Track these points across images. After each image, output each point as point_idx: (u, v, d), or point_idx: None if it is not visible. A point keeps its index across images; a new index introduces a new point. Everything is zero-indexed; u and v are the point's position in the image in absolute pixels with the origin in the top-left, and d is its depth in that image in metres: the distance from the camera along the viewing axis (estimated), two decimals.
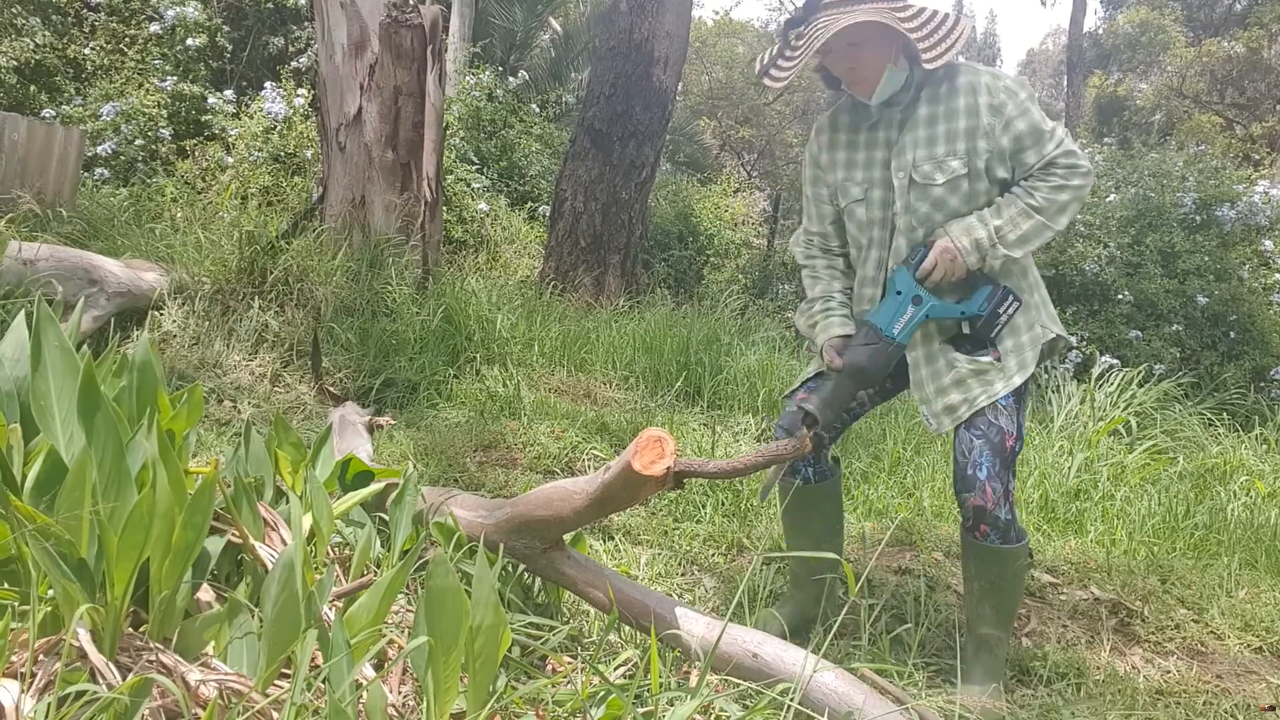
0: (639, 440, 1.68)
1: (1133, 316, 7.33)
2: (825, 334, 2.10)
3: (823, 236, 2.21)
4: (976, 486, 2.01)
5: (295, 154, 7.58)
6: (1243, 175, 8.93)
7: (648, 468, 1.65)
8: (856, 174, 2.09)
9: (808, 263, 2.23)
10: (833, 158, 2.13)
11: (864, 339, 2.01)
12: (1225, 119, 19.00)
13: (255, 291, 4.21)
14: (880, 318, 2.01)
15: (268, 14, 9.23)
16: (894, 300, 2.01)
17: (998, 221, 1.96)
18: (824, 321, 2.13)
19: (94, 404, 1.44)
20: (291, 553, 1.38)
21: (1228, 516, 3.70)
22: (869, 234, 2.10)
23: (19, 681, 1.21)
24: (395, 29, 4.95)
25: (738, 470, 1.69)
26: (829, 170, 2.15)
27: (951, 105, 1.99)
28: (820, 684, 1.54)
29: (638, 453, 1.66)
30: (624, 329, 5.32)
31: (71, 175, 5.51)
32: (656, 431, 1.69)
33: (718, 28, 26.10)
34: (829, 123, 2.18)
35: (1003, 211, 1.97)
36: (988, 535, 2.04)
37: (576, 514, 1.78)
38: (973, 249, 1.96)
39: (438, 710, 1.40)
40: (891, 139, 2.04)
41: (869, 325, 2.02)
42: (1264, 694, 2.39)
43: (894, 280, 2.02)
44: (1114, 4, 22.92)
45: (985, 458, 2.02)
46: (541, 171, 9.44)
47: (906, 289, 2.00)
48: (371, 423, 3.37)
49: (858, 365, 1.98)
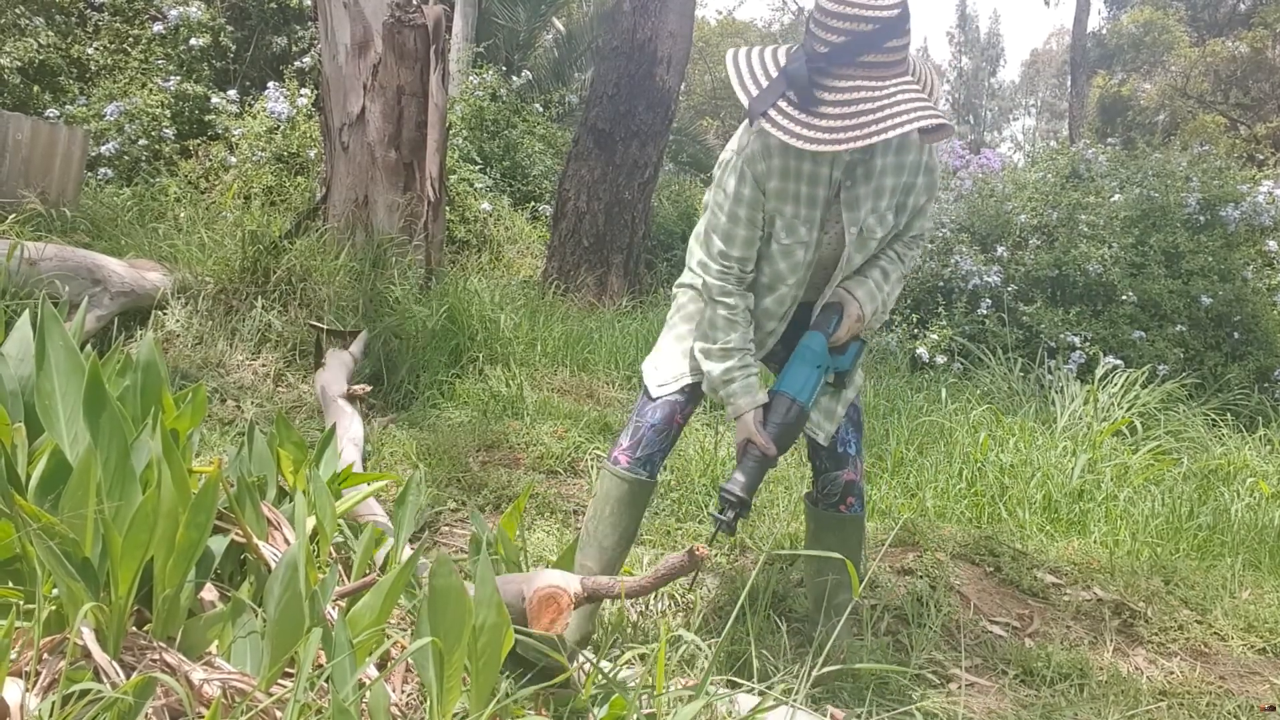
0: (532, 602, 1.62)
1: (1136, 317, 7.32)
2: (749, 400, 1.96)
3: (742, 264, 1.97)
4: (849, 462, 2.17)
5: (298, 154, 7.58)
6: (1247, 175, 8.91)
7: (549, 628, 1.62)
8: (803, 211, 1.92)
9: (725, 299, 1.98)
10: (783, 188, 1.90)
11: (784, 415, 1.93)
12: (1229, 119, 18.97)
13: (258, 291, 4.21)
14: (802, 392, 1.95)
15: (271, 14, 9.23)
16: (814, 373, 1.96)
17: (887, 289, 2.03)
18: (745, 382, 1.97)
19: (99, 403, 1.45)
20: (295, 552, 1.38)
21: (1231, 517, 3.70)
22: (798, 274, 2.00)
23: (23, 680, 1.21)
24: (398, 29, 4.95)
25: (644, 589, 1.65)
26: (776, 199, 1.92)
27: (902, 159, 1.93)
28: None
29: (534, 617, 1.62)
30: (627, 329, 5.32)
31: (75, 175, 5.52)
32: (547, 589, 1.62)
33: (721, 28, 26.12)
34: (779, 148, 1.89)
35: (889, 277, 2.03)
36: (853, 506, 2.18)
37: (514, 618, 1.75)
38: (871, 315, 2.01)
39: (441, 710, 1.40)
40: (836, 179, 1.91)
41: (787, 399, 1.94)
42: (1267, 695, 2.39)
43: (809, 348, 1.97)
44: (1118, 4, 22.90)
45: (852, 436, 2.18)
46: (544, 171, 9.44)
47: (823, 360, 1.97)
48: (350, 392, 3.34)
49: (785, 444, 1.96)
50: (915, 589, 2.63)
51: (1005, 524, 3.40)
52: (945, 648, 2.37)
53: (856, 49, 1.68)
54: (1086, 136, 14.24)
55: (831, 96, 1.69)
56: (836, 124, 1.68)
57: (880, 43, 1.68)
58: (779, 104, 1.72)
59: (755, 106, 1.73)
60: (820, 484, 2.21)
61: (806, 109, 1.70)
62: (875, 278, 2.01)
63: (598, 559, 2.12)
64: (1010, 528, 3.37)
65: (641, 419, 2.14)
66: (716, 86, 22.83)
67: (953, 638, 2.44)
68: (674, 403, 2.13)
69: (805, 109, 1.70)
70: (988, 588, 2.82)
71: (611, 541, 2.13)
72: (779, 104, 1.72)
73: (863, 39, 1.67)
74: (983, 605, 2.70)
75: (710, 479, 3.28)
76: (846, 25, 1.67)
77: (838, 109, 1.69)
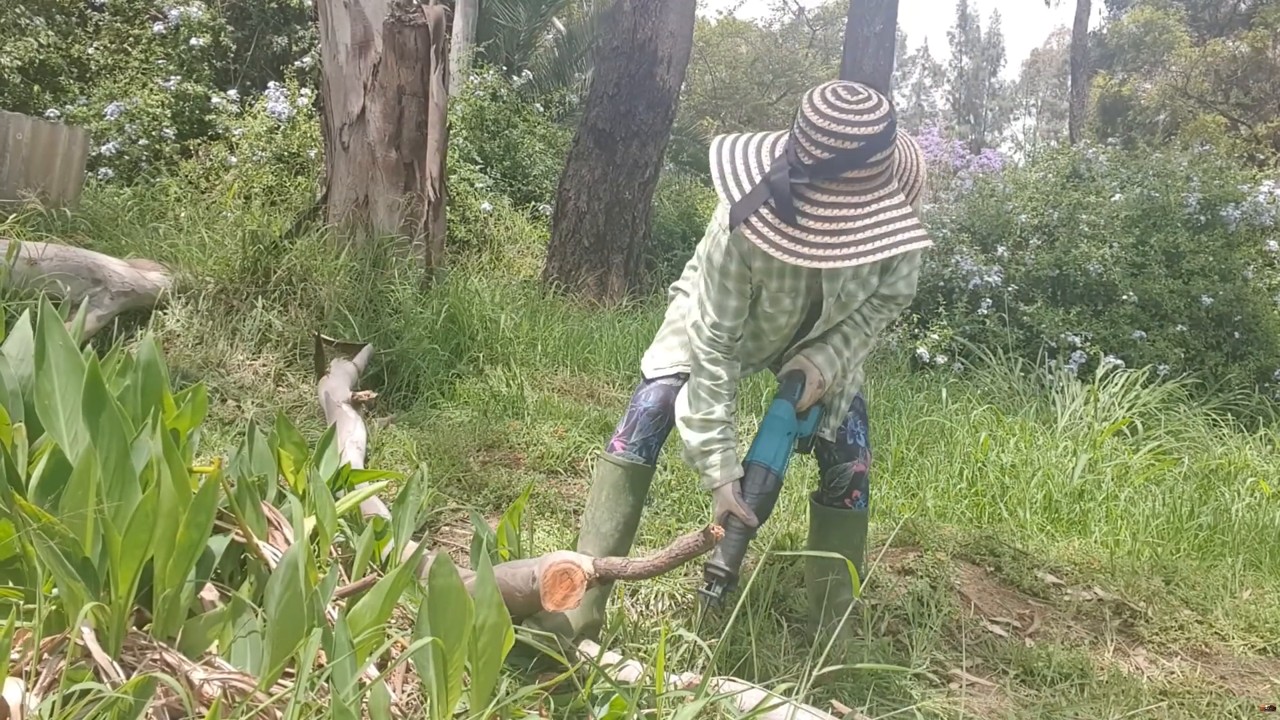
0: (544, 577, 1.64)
1: (1137, 317, 7.32)
2: (726, 473, 1.97)
3: (732, 333, 2.01)
4: (859, 454, 2.17)
5: (299, 154, 7.58)
6: (1247, 175, 8.91)
7: (561, 604, 1.64)
8: (787, 283, 1.96)
9: (713, 368, 2.01)
10: (767, 265, 1.92)
11: (761, 485, 1.96)
12: (1230, 119, 18.96)
13: (259, 291, 4.21)
14: (776, 461, 1.98)
15: (271, 14, 9.23)
16: (784, 440, 1.99)
17: (847, 354, 2.06)
18: (724, 455, 1.99)
19: (99, 403, 1.45)
20: (295, 552, 1.38)
21: (1232, 517, 3.69)
22: (781, 334, 2.07)
23: (23, 680, 1.21)
24: (399, 29, 4.95)
25: (656, 568, 1.67)
26: (761, 275, 1.95)
27: None
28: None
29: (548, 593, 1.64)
30: (627, 329, 5.32)
31: (76, 175, 5.52)
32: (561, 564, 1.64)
33: (721, 27, 26.11)
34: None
35: (850, 342, 2.06)
36: (858, 500, 2.18)
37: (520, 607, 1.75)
38: (831, 381, 2.04)
39: (441, 709, 1.40)
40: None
41: (762, 469, 1.96)
42: (1268, 695, 2.39)
43: (778, 417, 2.00)
44: (1118, 4, 22.90)
45: (860, 428, 2.19)
46: (545, 171, 9.44)
47: (791, 427, 2.01)
48: (354, 398, 3.36)
49: (764, 514, 1.97)
50: (916, 589, 2.63)
51: (1006, 524, 3.40)
52: (946, 647, 2.37)
53: (840, 166, 1.67)
54: (1087, 136, 14.24)
55: (813, 211, 1.69)
56: (817, 239, 1.68)
57: (864, 159, 1.67)
58: (761, 211, 1.72)
59: (736, 213, 1.73)
60: (828, 478, 2.21)
61: (788, 220, 1.69)
62: (835, 344, 2.05)
63: (596, 545, 2.13)
64: (1011, 527, 3.37)
65: (636, 405, 2.17)
66: (717, 86, 22.85)
67: (953, 637, 2.44)
68: (669, 387, 2.15)
69: (786, 220, 1.69)
70: (988, 588, 2.82)
71: (609, 528, 2.14)
72: (761, 211, 1.72)
73: (847, 157, 1.66)
74: (983, 605, 2.70)
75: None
76: (832, 142, 1.66)
77: (819, 224, 1.68)
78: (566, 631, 1.91)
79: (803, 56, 24.37)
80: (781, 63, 23.97)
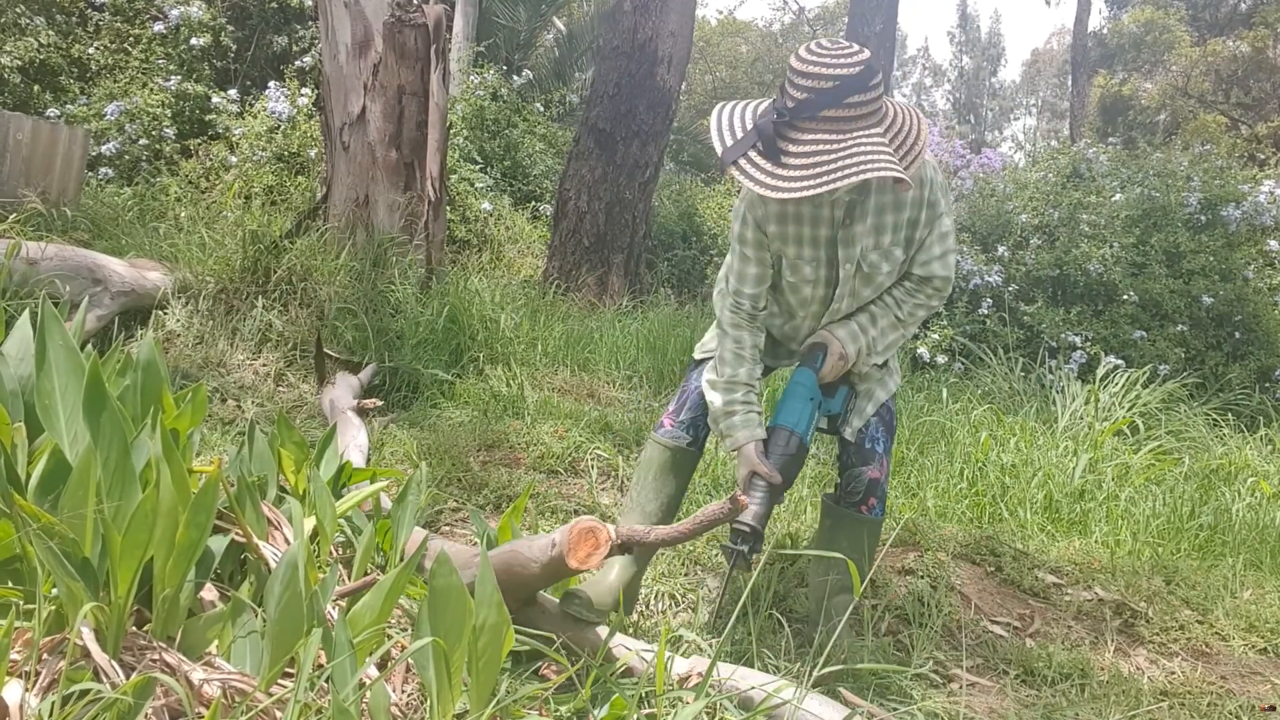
0: (571, 534, 1.65)
1: (1137, 317, 7.32)
2: (749, 433, 2.03)
3: (754, 300, 2.10)
4: (875, 459, 2.19)
5: (299, 153, 7.58)
6: (1248, 175, 8.91)
7: (584, 562, 1.65)
8: (805, 251, 2.03)
9: (735, 332, 2.10)
10: (782, 230, 2.02)
11: (784, 447, 2.00)
12: (1230, 119, 18.96)
13: (259, 291, 4.21)
14: (800, 424, 2.02)
15: (272, 13, 9.23)
16: (807, 405, 2.04)
17: (873, 333, 2.09)
18: (745, 416, 2.05)
19: (99, 403, 1.44)
20: (295, 552, 1.38)
21: (1233, 517, 3.69)
22: (809, 308, 2.13)
23: (23, 680, 1.21)
24: (399, 28, 4.95)
25: (681, 536, 1.68)
26: (778, 241, 2.04)
27: (900, 196, 1.99)
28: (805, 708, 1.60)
29: (572, 549, 1.64)
30: (627, 329, 5.32)
31: (76, 175, 5.52)
32: (588, 522, 1.66)
33: (721, 27, 26.11)
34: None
35: (877, 322, 2.10)
36: (874, 508, 2.20)
37: (534, 579, 1.76)
38: (854, 356, 2.08)
39: (441, 710, 1.40)
40: (838, 219, 2.00)
41: (786, 431, 2.01)
42: (1268, 695, 2.38)
43: (800, 383, 2.05)
44: (1119, 3, 22.90)
45: (881, 434, 2.21)
46: (545, 171, 9.44)
47: (814, 393, 2.05)
48: (360, 405, 3.38)
49: (790, 475, 2.01)
50: (916, 589, 2.62)
51: (1006, 524, 3.40)
52: (946, 647, 2.37)
53: (818, 105, 1.77)
54: (1087, 136, 14.24)
55: (794, 149, 1.79)
56: (796, 173, 1.77)
57: (841, 98, 1.77)
58: (749, 154, 1.82)
59: (726, 156, 1.84)
60: (845, 480, 2.22)
61: (772, 159, 1.80)
62: (860, 320, 2.10)
63: (640, 524, 2.15)
64: (1011, 528, 3.36)
65: (688, 384, 2.26)
66: (717, 86, 22.84)
67: (954, 638, 2.44)
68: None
69: (771, 159, 1.80)
70: (989, 588, 2.82)
71: (655, 507, 2.19)
72: (749, 154, 1.82)
73: (824, 95, 1.77)
74: (984, 605, 2.69)
75: (710, 479, 3.28)
76: (809, 83, 1.78)
77: (799, 159, 1.78)
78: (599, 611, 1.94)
79: None
80: (782, 63, 23.96)
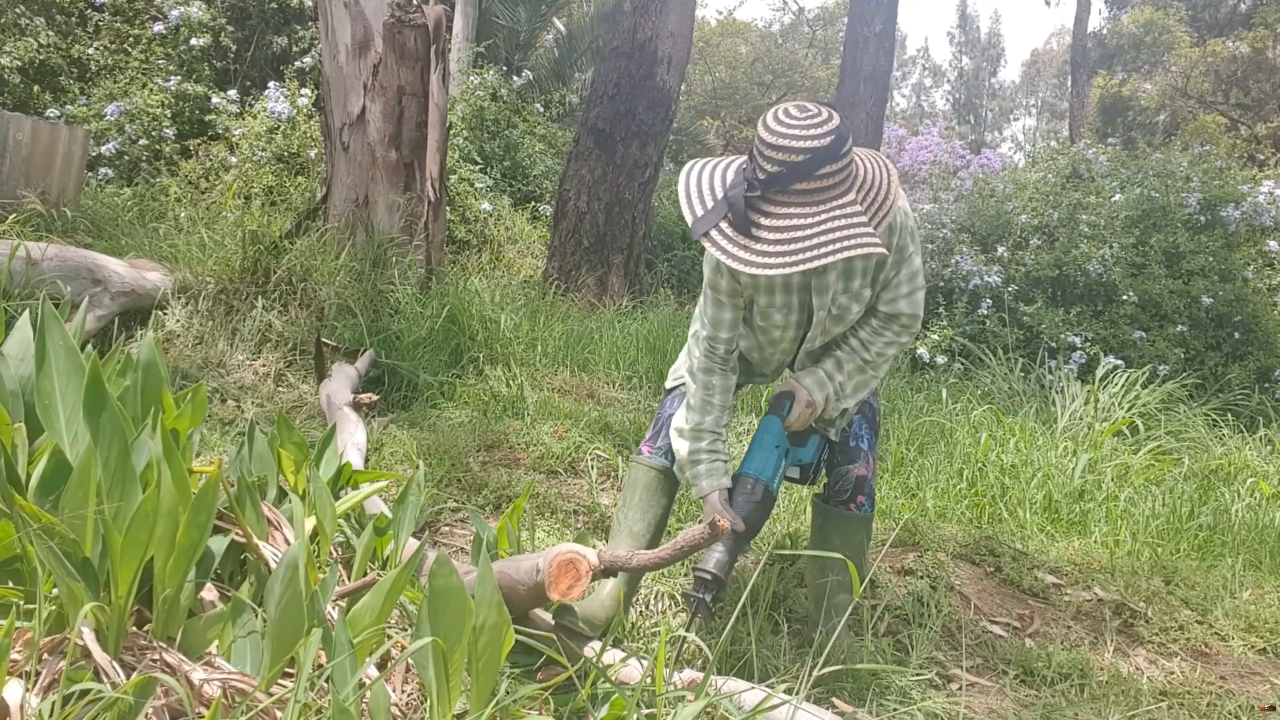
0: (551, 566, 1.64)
1: (1137, 317, 7.32)
2: (713, 482, 2.02)
3: (728, 344, 2.07)
4: (861, 457, 2.20)
5: (299, 154, 7.58)
6: (1247, 176, 8.92)
7: (566, 595, 1.64)
8: (777, 299, 2.02)
9: (705, 378, 2.08)
10: (754, 281, 2.00)
11: (749, 495, 1.98)
12: (1230, 119, 18.97)
13: (259, 291, 4.21)
14: (765, 472, 2.00)
15: (271, 14, 9.23)
16: (773, 453, 2.03)
17: (840, 378, 2.08)
18: (710, 465, 2.04)
19: (99, 403, 1.45)
20: (295, 552, 1.38)
21: (1232, 518, 3.69)
22: (780, 347, 2.13)
23: (24, 680, 1.21)
24: (399, 29, 4.96)
25: (661, 561, 1.68)
26: (750, 289, 2.02)
27: None
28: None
29: (552, 582, 1.64)
30: (627, 329, 5.32)
31: (76, 175, 5.52)
32: (567, 554, 1.65)
33: (721, 28, 26.11)
34: None
35: (843, 367, 2.08)
36: (863, 505, 2.20)
37: (522, 602, 1.76)
38: (822, 403, 2.07)
39: (441, 710, 1.40)
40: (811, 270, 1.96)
41: (750, 479, 2.00)
42: (1268, 695, 2.39)
43: (768, 431, 2.04)
44: (1118, 4, 22.90)
45: (866, 432, 2.22)
46: (545, 171, 9.44)
47: (781, 441, 2.04)
48: (356, 400, 3.37)
49: (755, 523, 1.99)
50: (916, 589, 2.63)
51: (1006, 524, 3.40)
52: (946, 648, 2.37)
53: (790, 178, 1.73)
54: (1087, 136, 14.24)
55: (767, 222, 1.75)
56: (770, 249, 1.73)
57: (813, 171, 1.73)
58: (720, 225, 1.78)
59: (697, 227, 1.80)
60: (832, 480, 2.23)
61: (744, 232, 1.76)
62: (827, 368, 2.08)
63: (629, 545, 2.17)
64: (1011, 528, 3.37)
65: (662, 411, 2.27)
66: (716, 86, 22.85)
67: (953, 638, 2.44)
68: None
69: (742, 232, 1.76)
70: (988, 588, 2.82)
71: (641, 527, 2.19)
72: (720, 225, 1.78)
73: (795, 169, 1.73)
74: (983, 605, 2.70)
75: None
76: (780, 155, 1.73)
77: (773, 234, 1.74)
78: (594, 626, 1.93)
79: (803, 57, 24.37)
80: (781, 63, 23.97)
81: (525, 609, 1.81)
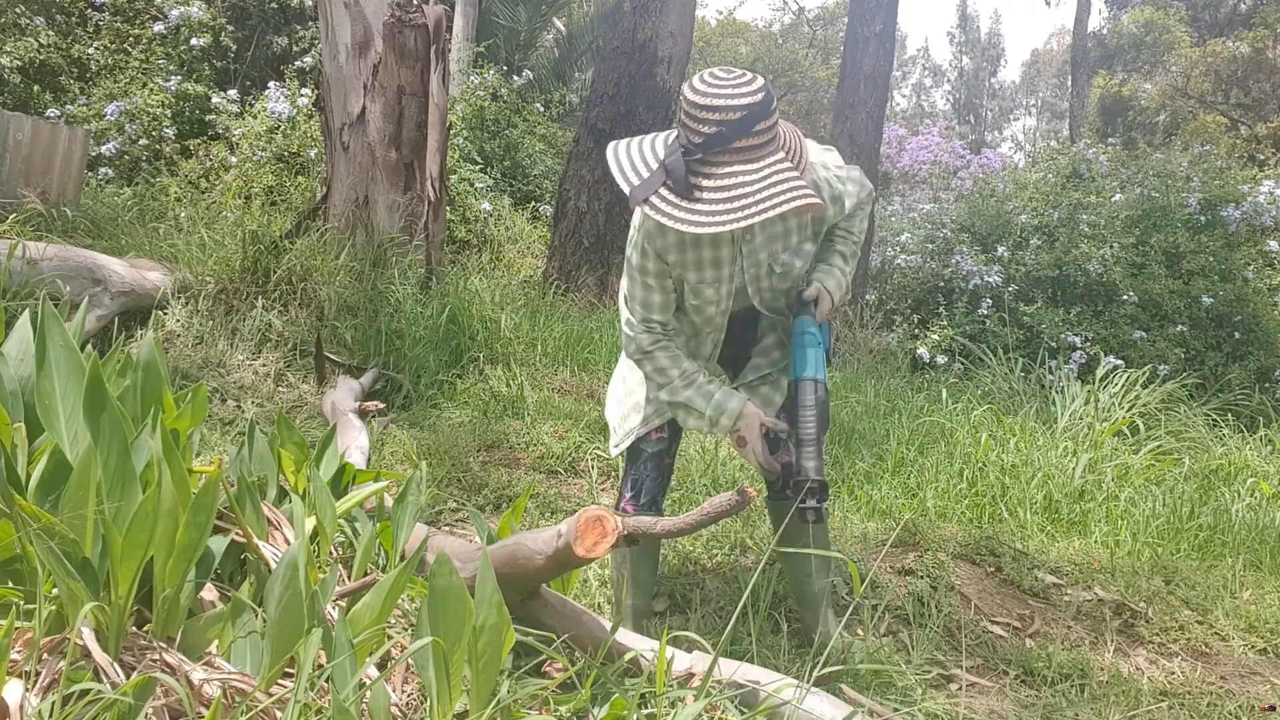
0: (579, 522, 1.65)
1: (1137, 317, 7.32)
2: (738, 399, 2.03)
3: (664, 323, 2.09)
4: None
5: (299, 153, 7.58)
6: (1248, 176, 8.93)
7: (590, 550, 1.64)
8: (707, 274, 2.03)
9: (658, 348, 2.08)
10: (682, 258, 2.01)
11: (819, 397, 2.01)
12: (1230, 119, 18.97)
13: (259, 291, 4.21)
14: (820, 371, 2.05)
15: (272, 14, 9.24)
16: (818, 350, 2.07)
17: (847, 267, 2.17)
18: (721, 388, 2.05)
19: (99, 403, 1.44)
20: (295, 552, 1.38)
21: (1232, 518, 3.69)
22: (714, 323, 2.14)
23: (23, 680, 1.21)
24: (399, 29, 4.95)
25: (687, 527, 1.68)
26: (678, 268, 2.03)
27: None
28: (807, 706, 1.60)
29: (579, 537, 1.64)
30: None
31: (76, 175, 5.52)
32: (596, 511, 1.67)
33: (721, 28, 26.12)
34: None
35: (847, 260, 2.17)
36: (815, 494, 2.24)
37: (539, 572, 1.75)
38: (839, 294, 2.14)
39: (441, 710, 1.40)
40: (738, 236, 2.00)
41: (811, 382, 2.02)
42: (1268, 695, 2.39)
43: (805, 331, 2.08)
44: (1119, 4, 22.90)
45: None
46: (545, 171, 9.44)
47: (823, 338, 2.09)
48: (362, 408, 3.38)
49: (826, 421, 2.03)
50: (916, 589, 2.63)
51: (1006, 524, 3.40)
52: (946, 648, 2.37)
53: (729, 137, 1.76)
54: (1087, 137, 14.25)
55: (709, 183, 1.77)
56: (717, 207, 1.76)
57: (750, 127, 1.76)
58: (660, 191, 1.79)
59: (636, 194, 1.81)
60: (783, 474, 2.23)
61: (685, 195, 1.78)
62: (839, 265, 2.15)
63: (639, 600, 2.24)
64: (1011, 528, 3.36)
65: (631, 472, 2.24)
66: None
67: (954, 638, 2.44)
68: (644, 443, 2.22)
69: (684, 196, 1.78)
70: (989, 588, 2.82)
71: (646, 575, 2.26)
72: (660, 191, 1.79)
73: (733, 127, 1.76)
74: (983, 605, 2.70)
75: (710, 479, 3.28)
76: (716, 117, 1.76)
77: (717, 194, 1.77)
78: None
79: (803, 57, 24.37)
80: (781, 63, 23.96)
81: (541, 580, 1.81)
